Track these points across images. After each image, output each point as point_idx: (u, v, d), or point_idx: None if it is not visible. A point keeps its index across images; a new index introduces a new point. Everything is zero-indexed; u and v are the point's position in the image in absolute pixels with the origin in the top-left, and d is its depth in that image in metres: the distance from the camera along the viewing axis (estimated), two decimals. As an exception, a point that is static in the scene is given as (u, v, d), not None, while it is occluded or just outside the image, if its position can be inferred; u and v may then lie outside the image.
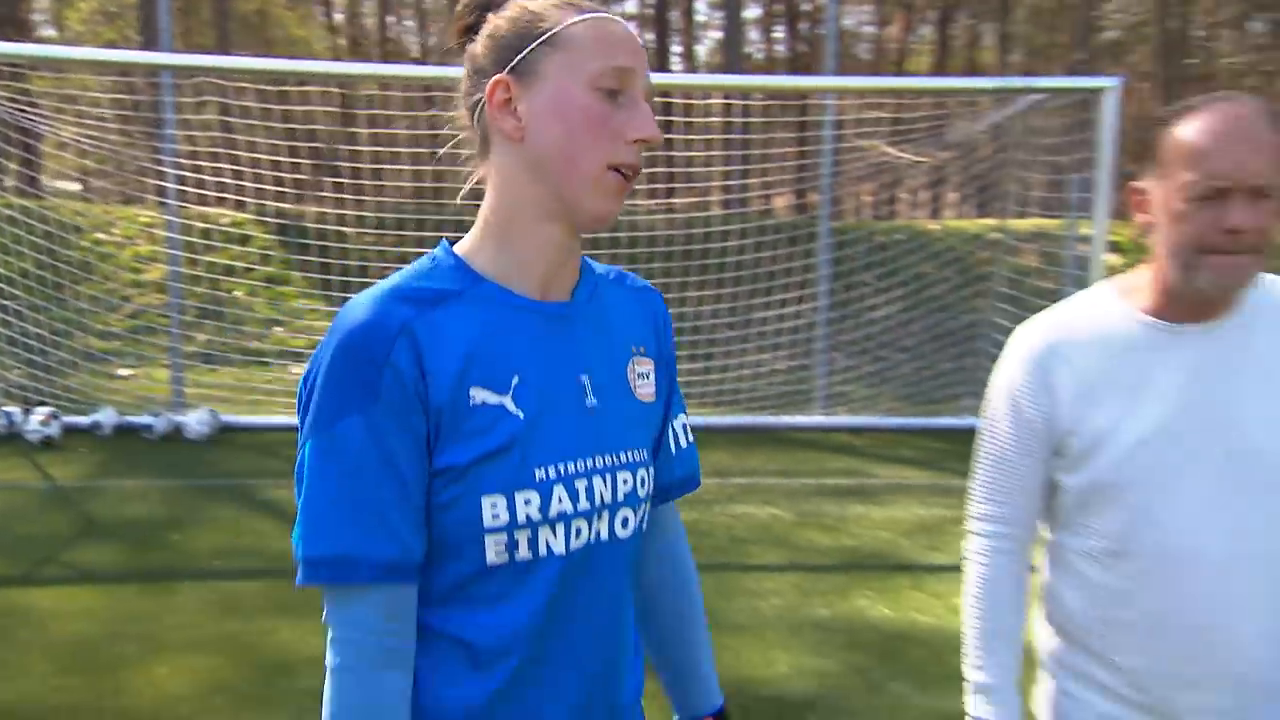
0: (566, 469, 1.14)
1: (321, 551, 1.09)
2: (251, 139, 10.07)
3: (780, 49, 31.50)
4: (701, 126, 11.14)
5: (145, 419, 8.93)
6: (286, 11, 30.00)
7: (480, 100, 1.17)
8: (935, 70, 29.20)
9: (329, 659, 1.11)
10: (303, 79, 9.46)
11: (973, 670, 1.65)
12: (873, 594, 5.03)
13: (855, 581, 5.22)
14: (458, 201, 1.35)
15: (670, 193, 14.21)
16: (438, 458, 1.11)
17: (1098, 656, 1.57)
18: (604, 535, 1.19)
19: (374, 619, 1.10)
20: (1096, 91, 8.82)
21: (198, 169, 10.84)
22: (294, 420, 1.14)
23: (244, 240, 13.20)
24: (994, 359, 1.79)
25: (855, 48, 32.59)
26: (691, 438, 1.42)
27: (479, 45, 1.18)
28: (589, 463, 1.17)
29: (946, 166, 13.73)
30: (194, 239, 10.91)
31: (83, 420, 8.87)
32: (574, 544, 1.15)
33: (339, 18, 32.85)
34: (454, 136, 1.25)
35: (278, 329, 12.82)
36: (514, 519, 1.11)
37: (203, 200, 11.15)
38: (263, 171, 10.42)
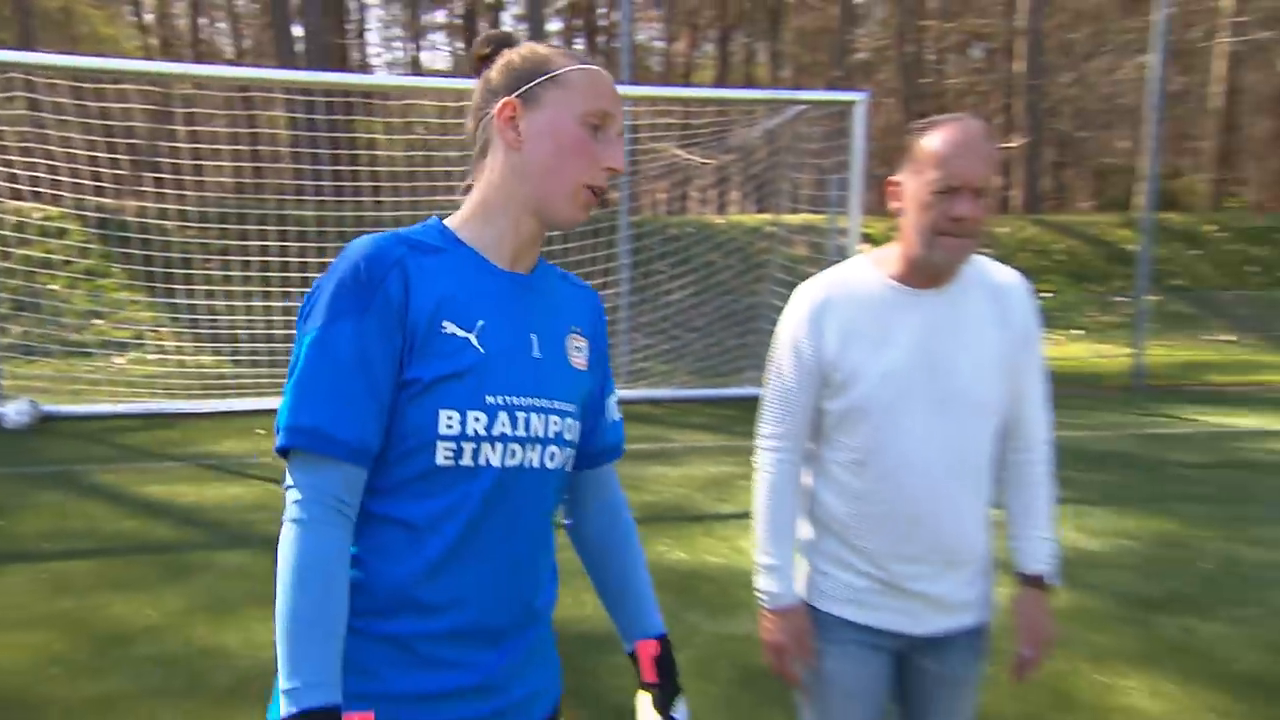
0: (511, 400, 1.27)
1: (302, 422, 1.19)
2: (65, 135, 9.23)
3: (581, 60, 31.47)
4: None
5: (-41, 413, 8.08)
6: (93, 9, 27.52)
7: (488, 114, 1.31)
8: (717, 82, 29.98)
9: (289, 513, 1.20)
10: (118, 77, 8.73)
11: (762, 555, 1.86)
12: (670, 541, 5.19)
13: (655, 531, 5.37)
14: (459, 195, 1.37)
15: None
16: (408, 370, 1.22)
17: (848, 543, 1.82)
18: (535, 463, 1.30)
19: (332, 487, 1.20)
20: (849, 104, 9.34)
21: (8, 164, 9.83)
22: (118, 409, 1.10)
23: (61, 234, 12.09)
24: (772, 335, 1.93)
25: (647, 60, 33.03)
26: (620, 414, 1.54)
27: (494, 71, 1.32)
28: (529, 400, 1.29)
29: (729, 167, 14.17)
30: (6, 233, 9.92)
31: (-110, 417, 7.95)
32: (509, 462, 1.27)
33: (149, 18, 30.43)
34: (272, 136, 1.24)
35: (97, 320, 11.85)
36: (464, 431, 1.23)
37: (16, 195, 10.14)
38: (79, 167, 9.57)
